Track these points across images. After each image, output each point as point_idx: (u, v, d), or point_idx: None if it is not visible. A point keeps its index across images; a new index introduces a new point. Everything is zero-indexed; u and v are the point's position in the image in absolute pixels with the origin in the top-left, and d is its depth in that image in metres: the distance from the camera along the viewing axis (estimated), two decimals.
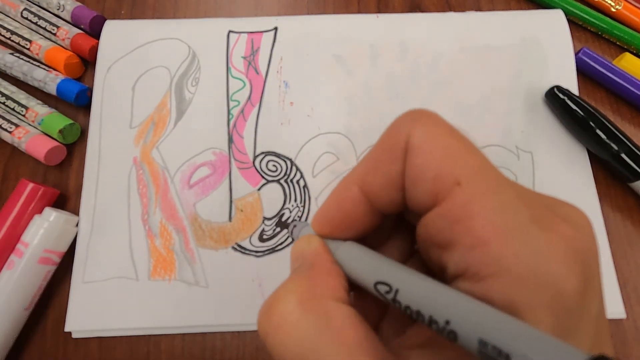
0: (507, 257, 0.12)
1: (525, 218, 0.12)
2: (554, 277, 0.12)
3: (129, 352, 0.26)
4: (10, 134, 0.29)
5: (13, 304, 0.25)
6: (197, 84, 0.31)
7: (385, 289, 0.13)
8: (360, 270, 0.15)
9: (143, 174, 0.29)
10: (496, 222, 0.12)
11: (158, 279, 0.27)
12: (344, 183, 0.16)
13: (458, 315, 0.11)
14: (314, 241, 0.16)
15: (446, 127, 0.14)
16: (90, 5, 0.33)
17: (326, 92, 0.31)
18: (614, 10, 0.34)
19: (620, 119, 0.32)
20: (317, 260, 0.16)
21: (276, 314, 0.14)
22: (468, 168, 0.13)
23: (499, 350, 0.10)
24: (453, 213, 0.13)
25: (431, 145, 0.14)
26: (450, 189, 0.13)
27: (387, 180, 0.15)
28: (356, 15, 0.33)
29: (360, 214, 0.16)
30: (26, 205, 0.27)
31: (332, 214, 0.16)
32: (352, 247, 0.16)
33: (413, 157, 0.14)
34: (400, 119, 0.15)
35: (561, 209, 0.14)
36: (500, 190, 0.13)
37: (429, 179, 0.13)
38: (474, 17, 0.33)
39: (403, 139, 0.14)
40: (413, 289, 0.13)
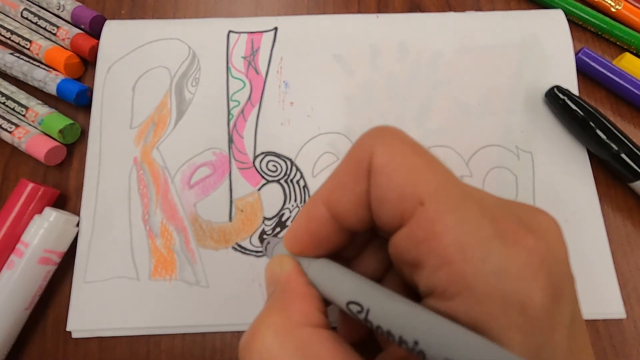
0: (470, 275, 0.12)
1: (487, 233, 0.12)
2: (519, 294, 0.11)
3: (129, 352, 0.26)
4: (10, 134, 0.29)
5: (13, 304, 0.25)
6: (197, 84, 0.31)
7: (357, 308, 0.13)
8: (332, 289, 0.15)
9: (143, 174, 0.29)
10: (458, 240, 0.12)
11: (159, 279, 0.27)
12: (311, 201, 0.16)
13: (425, 335, 0.11)
14: (286, 263, 0.16)
15: (409, 144, 0.14)
16: (90, 5, 0.33)
17: (326, 92, 0.31)
18: (614, 10, 0.34)
19: (620, 119, 0.32)
20: (290, 285, 0.16)
21: (255, 349, 0.14)
22: (431, 186, 0.13)
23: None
24: (418, 233, 0.13)
25: (394, 165, 0.14)
26: (414, 208, 0.13)
27: (352, 199, 0.15)
28: (356, 15, 0.33)
29: (329, 233, 0.16)
30: (26, 205, 0.27)
31: (301, 233, 0.16)
32: (323, 265, 0.16)
33: (376, 177, 0.14)
34: (364, 137, 0.15)
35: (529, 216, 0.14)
36: (463, 206, 0.13)
37: (393, 199, 0.13)
38: (474, 17, 0.33)
39: (367, 158, 0.14)
40: (383, 309, 0.13)
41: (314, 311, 0.15)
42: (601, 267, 0.27)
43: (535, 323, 0.11)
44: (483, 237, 0.12)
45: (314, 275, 0.16)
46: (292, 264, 0.16)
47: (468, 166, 0.29)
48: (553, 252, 0.13)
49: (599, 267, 0.27)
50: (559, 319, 0.12)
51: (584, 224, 0.28)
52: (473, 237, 0.12)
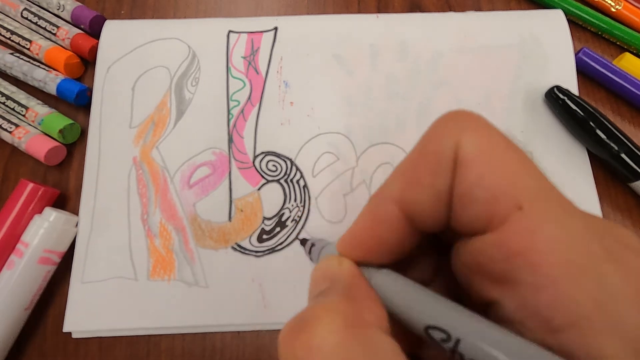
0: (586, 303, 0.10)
1: (598, 254, 0.11)
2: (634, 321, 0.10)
3: (129, 352, 0.26)
4: (10, 134, 0.29)
5: (13, 304, 0.25)
6: (197, 84, 0.31)
7: (441, 336, 0.11)
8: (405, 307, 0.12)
9: (143, 174, 0.29)
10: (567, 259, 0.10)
11: (157, 279, 0.27)
12: (376, 200, 0.14)
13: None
14: (346, 263, 0.14)
15: (501, 137, 0.12)
16: (90, 5, 0.33)
17: (326, 92, 0.31)
18: (614, 10, 0.34)
19: (620, 119, 0.32)
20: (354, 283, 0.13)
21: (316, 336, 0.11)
22: (530, 190, 0.11)
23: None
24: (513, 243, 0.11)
25: (487, 160, 0.12)
26: (510, 213, 0.11)
27: (432, 197, 0.12)
28: (356, 15, 0.33)
29: (400, 236, 0.13)
30: (26, 205, 0.27)
31: (365, 236, 0.14)
32: (390, 276, 0.13)
33: (465, 172, 0.12)
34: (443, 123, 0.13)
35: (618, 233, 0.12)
36: (567, 218, 0.11)
37: (484, 200, 0.11)
38: (474, 17, 0.33)
39: (450, 148, 0.12)
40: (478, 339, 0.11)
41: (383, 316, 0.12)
42: None
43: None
44: (595, 258, 0.10)
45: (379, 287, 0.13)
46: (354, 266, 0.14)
47: None
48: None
49: None
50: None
51: None
52: (585, 256, 0.10)
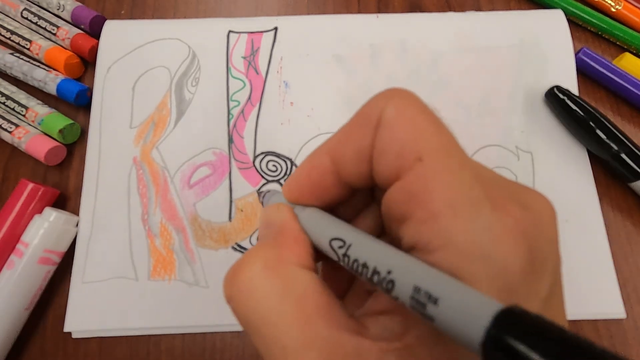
0: (455, 231, 0.12)
1: (479, 196, 0.13)
2: (499, 254, 0.12)
3: (129, 352, 0.26)
4: (10, 134, 0.29)
5: (13, 304, 0.25)
6: (197, 84, 0.31)
7: (339, 243, 0.14)
8: (318, 230, 0.15)
9: (143, 174, 0.29)
10: (449, 198, 0.12)
11: (158, 279, 0.27)
12: (316, 152, 0.16)
13: (399, 265, 0.12)
14: (283, 209, 0.17)
15: (419, 105, 0.14)
16: (90, 5, 0.33)
17: (326, 92, 0.31)
18: (614, 10, 0.34)
19: (620, 119, 0.32)
20: (284, 227, 0.16)
21: (241, 278, 0.14)
22: (432, 145, 0.13)
23: (429, 295, 0.11)
24: (411, 187, 0.13)
25: (400, 120, 0.14)
26: (413, 164, 0.13)
27: (356, 152, 0.15)
28: (356, 15, 0.33)
29: (329, 184, 0.16)
30: (26, 205, 0.27)
31: (301, 181, 0.17)
32: (314, 211, 0.16)
33: (382, 131, 0.14)
34: (377, 96, 0.15)
35: (524, 195, 0.14)
36: (460, 169, 0.13)
37: (394, 153, 0.14)
38: (474, 17, 0.33)
39: (376, 114, 0.14)
40: (363, 244, 0.14)
41: (304, 254, 0.15)
42: (601, 267, 0.27)
43: (510, 285, 0.12)
44: (473, 199, 0.13)
45: (305, 221, 0.16)
46: (290, 211, 0.17)
47: None
48: (541, 228, 0.13)
49: (599, 267, 0.27)
50: (535, 289, 0.12)
51: (584, 224, 0.28)
52: (464, 196, 0.13)
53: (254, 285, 0.14)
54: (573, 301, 0.27)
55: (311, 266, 0.15)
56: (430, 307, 0.11)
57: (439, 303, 0.11)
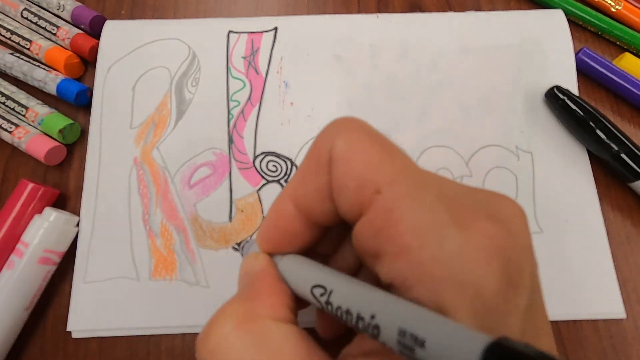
0: (427, 262, 0.12)
1: (443, 219, 0.12)
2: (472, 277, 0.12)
3: (129, 352, 0.26)
4: (10, 134, 0.29)
5: (13, 304, 0.25)
6: (197, 84, 0.31)
7: (320, 291, 0.14)
8: (298, 278, 0.15)
9: (144, 175, 0.29)
10: (415, 227, 0.12)
11: (159, 279, 0.27)
12: (279, 198, 0.16)
13: (382, 309, 0.12)
14: (260, 258, 0.16)
15: (368, 134, 0.14)
16: (90, 5, 0.33)
17: (326, 92, 0.31)
18: (614, 10, 0.34)
19: (620, 119, 0.32)
20: (260, 278, 0.15)
21: (212, 338, 0.14)
22: (387, 174, 0.13)
23: (415, 337, 0.11)
24: (375, 222, 0.13)
25: (352, 155, 0.14)
26: (372, 197, 0.13)
27: (316, 192, 0.15)
28: (356, 15, 0.33)
29: (298, 228, 0.16)
30: (26, 205, 0.27)
31: (271, 230, 0.16)
32: (292, 259, 0.16)
33: (336, 168, 0.14)
34: (325, 130, 0.15)
35: (491, 203, 0.14)
36: (420, 193, 0.13)
37: (352, 189, 0.13)
38: (474, 17, 0.33)
39: (326, 150, 0.14)
40: (344, 289, 0.13)
41: (280, 306, 0.14)
42: (601, 267, 0.27)
43: (489, 306, 0.12)
44: (439, 223, 0.12)
45: (284, 270, 0.16)
46: (266, 259, 0.16)
47: (468, 166, 0.29)
48: (512, 238, 0.13)
49: (599, 267, 0.27)
50: (515, 304, 0.12)
51: (584, 224, 0.28)
52: (429, 223, 0.12)
53: (227, 345, 0.13)
54: (573, 301, 0.27)
55: (288, 318, 0.14)
56: (418, 350, 0.11)
57: (426, 345, 0.10)
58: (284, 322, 0.14)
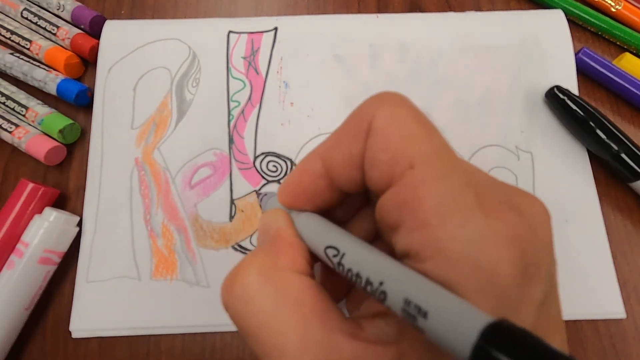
0: (445, 239, 0.12)
1: (469, 202, 0.12)
2: (490, 261, 0.12)
3: (129, 352, 0.26)
4: (10, 134, 0.29)
5: (13, 304, 0.25)
6: (197, 85, 0.31)
7: (334, 252, 0.14)
8: (314, 237, 0.16)
9: (145, 175, 0.29)
10: (439, 205, 0.12)
11: (160, 279, 0.27)
12: (308, 156, 0.16)
13: (391, 277, 0.12)
14: (279, 214, 0.17)
15: (410, 110, 0.14)
16: (90, 5, 0.33)
17: (326, 92, 0.31)
18: (614, 10, 0.34)
19: (620, 119, 0.32)
20: (280, 234, 0.16)
21: (237, 285, 0.14)
22: (423, 152, 0.13)
23: (419, 308, 0.11)
24: (403, 195, 0.13)
25: (391, 128, 0.14)
26: (404, 171, 0.13)
27: (347, 158, 0.15)
28: (356, 15, 0.33)
29: (321, 189, 0.16)
30: (26, 205, 0.27)
31: (294, 185, 0.17)
32: (309, 217, 0.16)
33: (373, 138, 0.14)
34: (368, 101, 0.15)
35: (518, 198, 0.14)
36: (451, 175, 0.13)
37: (385, 161, 0.14)
38: (474, 17, 0.33)
39: (367, 120, 0.14)
40: (356, 253, 0.14)
41: (300, 259, 0.15)
42: (601, 267, 0.27)
43: (503, 292, 0.12)
44: (464, 205, 0.12)
45: (300, 226, 0.16)
46: (285, 217, 0.17)
47: None
48: (534, 232, 0.13)
49: (599, 267, 0.27)
50: (529, 295, 0.12)
51: (584, 224, 0.28)
52: (454, 203, 0.12)
53: (250, 292, 0.14)
54: (573, 301, 0.27)
55: (307, 271, 0.15)
56: (420, 320, 0.11)
57: (428, 317, 0.11)
58: (302, 274, 0.15)
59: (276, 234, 0.16)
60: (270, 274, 0.14)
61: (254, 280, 0.14)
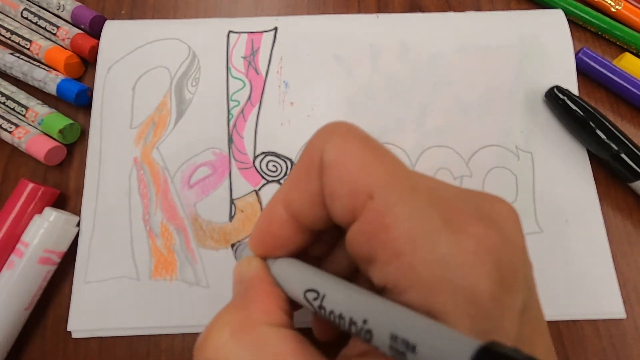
0: (419, 266, 0.12)
1: (436, 223, 0.12)
2: (465, 280, 0.12)
3: (129, 352, 0.26)
4: (10, 134, 0.29)
5: (13, 304, 0.25)
6: (197, 84, 0.31)
7: (313, 295, 0.14)
8: (292, 282, 0.15)
9: (144, 175, 0.29)
10: (408, 232, 0.12)
11: (159, 279, 0.27)
12: (270, 203, 0.16)
13: (374, 313, 0.12)
14: (253, 262, 0.16)
15: (358, 138, 0.14)
16: (90, 5, 0.33)
17: (326, 92, 0.31)
18: (614, 10, 0.34)
19: (620, 119, 0.32)
20: (254, 284, 0.15)
21: (209, 348, 0.13)
22: (380, 179, 0.13)
23: (407, 342, 0.11)
24: (368, 227, 0.13)
25: (343, 160, 0.14)
26: (365, 202, 0.13)
27: (307, 198, 0.15)
28: (356, 15, 0.33)
29: (289, 233, 0.16)
30: (26, 205, 0.27)
31: (262, 234, 0.16)
32: (285, 262, 0.16)
33: (328, 174, 0.14)
34: (316, 135, 0.15)
35: (484, 205, 0.14)
36: (413, 197, 0.13)
37: (344, 195, 0.13)
38: (474, 17, 0.33)
39: (318, 155, 0.14)
40: (336, 294, 0.13)
41: (275, 310, 0.14)
42: (601, 267, 0.27)
43: (483, 309, 0.11)
44: (431, 227, 0.12)
45: (277, 273, 0.16)
46: (260, 264, 0.16)
47: (468, 166, 0.29)
48: (506, 240, 0.13)
49: (599, 267, 0.27)
50: (509, 306, 0.12)
51: (584, 224, 0.28)
52: (421, 227, 0.12)
53: (224, 354, 0.13)
54: (573, 301, 0.27)
55: (284, 322, 0.14)
56: (410, 355, 0.11)
57: (417, 350, 0.10)
58: (279, 327, 0.14)
59: (250, 283, 0.15)
60: (244, 332, 0.13)
61: (227, 340, 0.13)
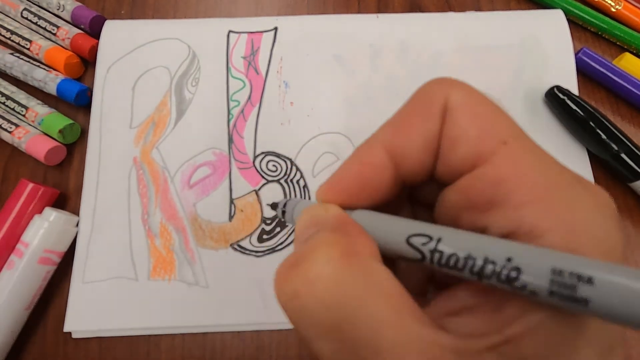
0: (563, 212, 0.11)
1: (570, 177, 0.12)
2: (606, 232, 0.11)
3: (129, 352, 0.26)
4: (10, 134, 0.29)
5: (13, 304, 0.25)
6: (197, 84, 0.31)
7: (423, 240, 0.12)
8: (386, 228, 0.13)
9: (143, 174, 0.29)
10: (546, 179, 0.12)
11: (158, 279, 0.27)
12: (367, 146, 0.14)
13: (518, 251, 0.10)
14: (333, 207, 0.14)
15: (482, 94, 0.14)
16: (90, 5, 0.33)
17: (326, 92, 0.31)
18: (614, 10, 0.34)
19: (620, 119, 0.32)
20: (345, 220, 0.14)
21: (312, 268, 0.12)
22: (511, 129, 0.13)
23: (579, 275, 0.09)
24: (500, 171, 0.12)
25: (473, 107, 0.13)
26: (496, 148, 0.12)
27: (421, 141, 0.13)
28: (356, 15, 0.33)
29: (384, 182, 0.14)
30: (26, 205, 0.27)
31: (350, 180, 0.14)
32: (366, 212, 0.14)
33: (455, 117, 0.13)
34: (433, 84, 0.14)
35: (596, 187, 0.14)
36: (542, 151, 0.13)
37: (474, 138, 0.13)
38: (474, 17, 0.33)
39: (440, 100, 0.13)
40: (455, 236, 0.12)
41: (375, 248, 0.13)
42: None
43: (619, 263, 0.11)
44: (566, 179, 0.12)
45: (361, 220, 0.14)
46: (340, 210, 0.14)
47: None
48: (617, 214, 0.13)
49: None
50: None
51: None
52: (557, 177, 0.12)
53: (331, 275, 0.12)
54: None
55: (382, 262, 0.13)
56: (583, 287, 0.09)
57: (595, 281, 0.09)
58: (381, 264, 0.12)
59: (339, 220, 0.14)
60: (352, 258, 0.12)
61: (335, 262, 0.12)
